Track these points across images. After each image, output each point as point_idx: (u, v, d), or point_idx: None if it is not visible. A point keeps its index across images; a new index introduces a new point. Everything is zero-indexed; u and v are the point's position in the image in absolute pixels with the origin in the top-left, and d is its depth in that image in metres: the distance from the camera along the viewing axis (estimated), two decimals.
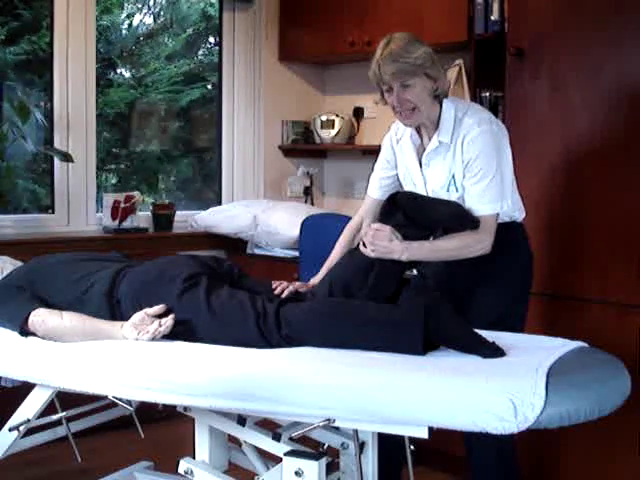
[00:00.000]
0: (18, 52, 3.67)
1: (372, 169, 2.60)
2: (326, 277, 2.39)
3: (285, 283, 2.34)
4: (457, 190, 2.33)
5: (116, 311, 2.22)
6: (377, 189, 2.56)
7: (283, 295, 2.28)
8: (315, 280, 2.44)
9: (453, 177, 2.33)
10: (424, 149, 2.39)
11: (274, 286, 2.32)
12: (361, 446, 2.05)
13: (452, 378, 1.73)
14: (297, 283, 2.38)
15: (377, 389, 1.73)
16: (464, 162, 2.30)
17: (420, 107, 2.29)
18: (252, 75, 4.27)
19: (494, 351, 1.90)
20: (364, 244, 2.26)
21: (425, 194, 2.41)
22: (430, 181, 2.39)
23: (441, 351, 1.96)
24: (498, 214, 2.30)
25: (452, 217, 2.28)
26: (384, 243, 2.23)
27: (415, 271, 2.55)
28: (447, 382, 1.71)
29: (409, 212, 2.30)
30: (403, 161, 2.48)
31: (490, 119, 2.34)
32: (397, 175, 2.52)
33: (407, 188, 2.49)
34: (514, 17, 2.90)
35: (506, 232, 2.35)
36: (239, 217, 3.91)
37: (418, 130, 2.41)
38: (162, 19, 4.32)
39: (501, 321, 2.30)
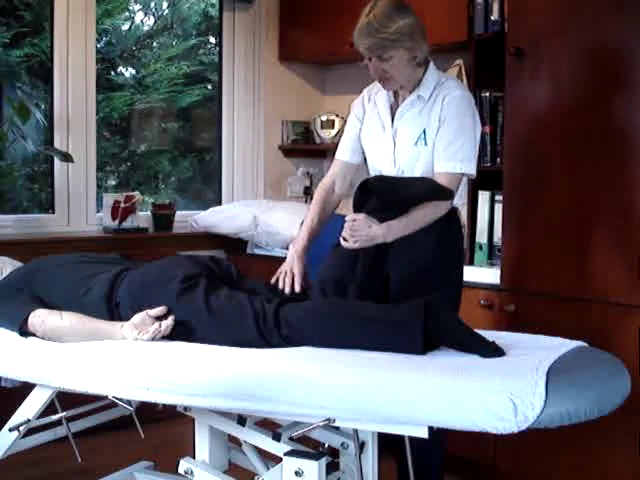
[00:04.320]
0: (20, 55, 3.67)
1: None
2: (316, 280, 2.41)
3: (287, 280, 2.36)
4: (426, 144, 2.37)
5: (115, 314, 2.22)
6: (347, 150, 2.57)
7: (286, 290, 2.32)
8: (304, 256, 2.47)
9: (424, 132, 2.38)
10: (397, 106, 2.45)
11: (274, 281, 2.36)
12: (361, 446, 2.05)
13: (452, 378, 1.73)
14: (295, 273, 2.38)
15: (377, 389, 1.73)
16: (441, 119, 2.36)
17: (396, 77, 2.35)
18: (252, 75, 4.27)
19: (494, 351, 1.90)
20: (344, 239, 2.28)
21: (392, 148, 2.43)
22: (400, 134, 2.43)
23: (441, 351, 1.96)
24: (464, 174, 2.37)
25: (427, 191, 2.30)
26: (364, 232, 2.24)
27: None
28: (447, 382, 1.71)
29: (383, 195, 2.30)
30: (372, 116, 2.51)
31: (468, 91, 2.47)
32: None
33: (368, 146, 2.51)
34: (514, 17, 2.90)
35: (449, 220, 2.39)
36: (239, 217, 3.91)
37: (395, 91, 2.47)
38: (162, 19, 4.32)
39: None
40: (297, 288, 2.35)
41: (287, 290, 2.36)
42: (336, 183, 2.57)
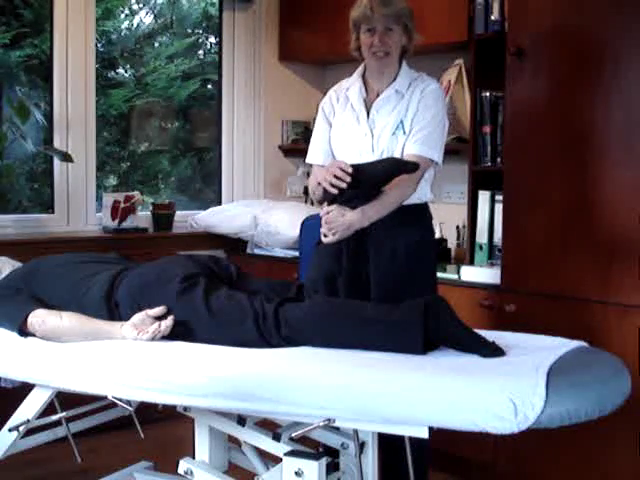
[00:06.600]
0: (21, 55, 3.67)
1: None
2: (306, 280, 2.46)
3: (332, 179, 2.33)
4: (404, 133, 2.47)
5: (115, 314, 2.22)
6: (327, 155, 2.60)
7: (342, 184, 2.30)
8: None
9: (401, 122, 2.48)
10: (370, 100, 2.55)
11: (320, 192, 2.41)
12: (361, 446, 2.05)
13: (452, 378, 1.72)
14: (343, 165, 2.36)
15: (377, 389, 1.73)
16: (419, 108, 2.47)
17: (393, 53, 2.48)
18: (252, 75, 4.27)
19: (494, 351, 1.90)
20: (324, 235, 2.33)
21: (370, 138, 2.49)
22: (378, 125, 2.51)
23: (441, 351, 1.96)
24: (432, 161, 2.47)
25: (393, 167, 2.37)
26: (339, 221, 2.29)
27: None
28: (447, 382, 1.71)
29: (353, 182, 2.33)
30: (344, 112, 2.59)
31: None
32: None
33: (341, 140, 2.56)
34: (514, 17, 2.90)
35: (425, 219, 2.53)
36: (239, 217, 3.91)
37: (365, 85, 2.56)
38: (163, 19, 4.31)
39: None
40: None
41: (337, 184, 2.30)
42: None
